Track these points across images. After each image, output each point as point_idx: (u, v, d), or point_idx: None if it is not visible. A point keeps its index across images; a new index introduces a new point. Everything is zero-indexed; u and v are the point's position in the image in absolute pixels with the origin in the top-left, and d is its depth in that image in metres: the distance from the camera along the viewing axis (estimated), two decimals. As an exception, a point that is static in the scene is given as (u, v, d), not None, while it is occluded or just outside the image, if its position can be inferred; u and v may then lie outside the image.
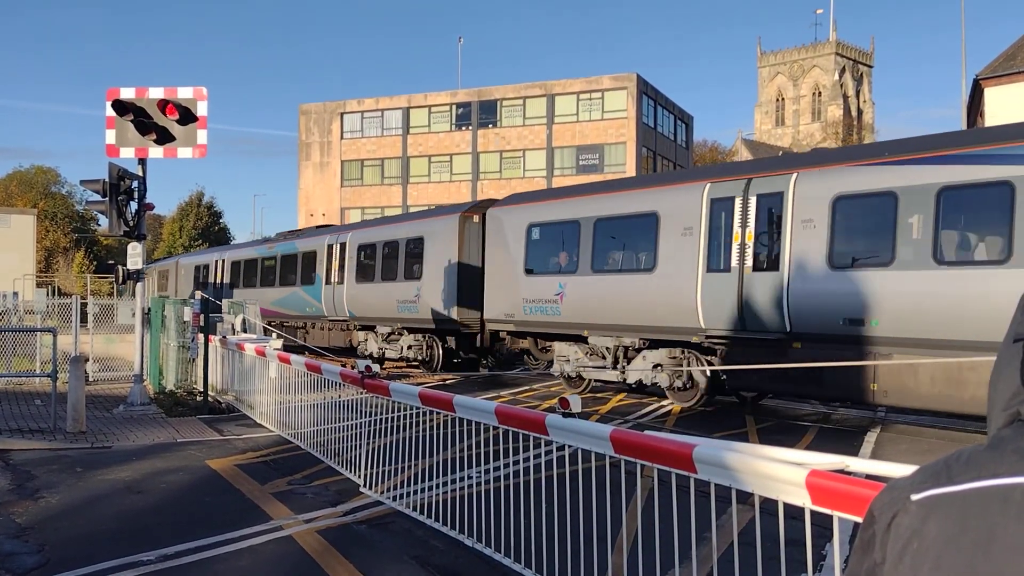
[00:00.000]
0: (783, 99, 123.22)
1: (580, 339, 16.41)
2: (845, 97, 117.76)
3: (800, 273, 12.63)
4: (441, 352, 21.37)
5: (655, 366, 15.07)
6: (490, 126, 59.91)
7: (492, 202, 20.01)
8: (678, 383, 14.79)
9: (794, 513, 3.92)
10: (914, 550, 1.12)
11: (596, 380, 16.54)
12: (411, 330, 21.87)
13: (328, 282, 24.69)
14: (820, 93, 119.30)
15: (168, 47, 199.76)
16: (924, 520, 1.13)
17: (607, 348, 15.86)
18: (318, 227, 30.09)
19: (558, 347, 17.00)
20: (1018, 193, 10.43)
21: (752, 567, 4.30)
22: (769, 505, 4.13)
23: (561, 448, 5.96)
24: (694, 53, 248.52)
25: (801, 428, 13.14)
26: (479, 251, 19.27)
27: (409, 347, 22.04)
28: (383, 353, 23.08)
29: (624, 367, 15.62)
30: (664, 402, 15.74)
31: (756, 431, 12.78)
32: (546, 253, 17.01)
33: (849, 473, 3.90)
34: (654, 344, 15.13)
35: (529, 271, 17.14)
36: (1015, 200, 10.46)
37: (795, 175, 12.95)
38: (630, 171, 55.04)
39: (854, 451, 10.68)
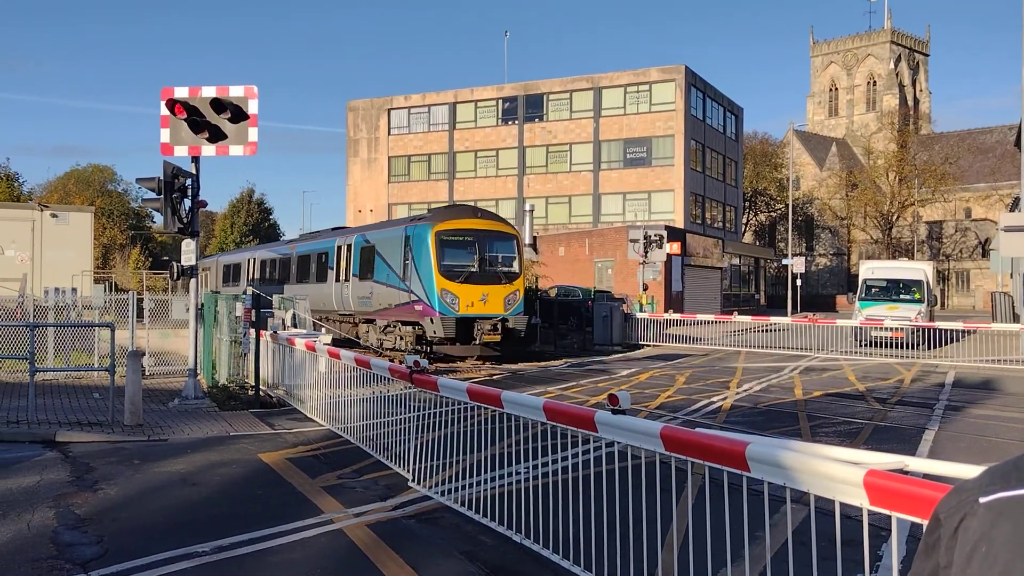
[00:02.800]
0: (836, 89, 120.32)
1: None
2: (901, 86, 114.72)
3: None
4: None
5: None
6: (536, 120, 59.75)
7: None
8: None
9: (847, 512, 3.84)
10: (982, 554, 1.08)
11: None
12: None
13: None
14: (875, 82, 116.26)
15: (220, 45, 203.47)
16: (993, 523, 1.09)
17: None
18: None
19: None
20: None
21: (807, 567, 4.21)
22: (822, 504, 4.05)
23: (610, 444, 5.92)
24: (744, 43, 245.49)
25: (856, 427, 12.89)
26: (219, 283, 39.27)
27: None
28: None
29: None
30: (715, 398, 15.63)
31: (808, 429, 12.58)
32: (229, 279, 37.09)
33: (908, 473, 3.80)
34: None
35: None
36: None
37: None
38: (678, 163, 54.56)
39: (911, 450, 10.44)
